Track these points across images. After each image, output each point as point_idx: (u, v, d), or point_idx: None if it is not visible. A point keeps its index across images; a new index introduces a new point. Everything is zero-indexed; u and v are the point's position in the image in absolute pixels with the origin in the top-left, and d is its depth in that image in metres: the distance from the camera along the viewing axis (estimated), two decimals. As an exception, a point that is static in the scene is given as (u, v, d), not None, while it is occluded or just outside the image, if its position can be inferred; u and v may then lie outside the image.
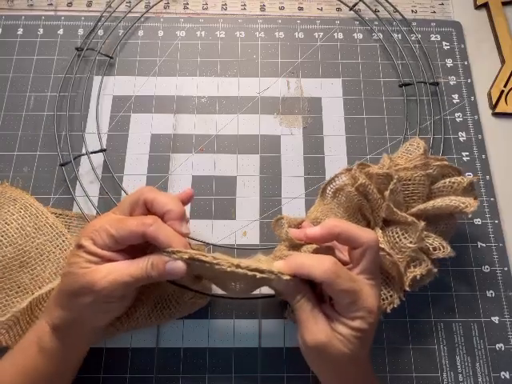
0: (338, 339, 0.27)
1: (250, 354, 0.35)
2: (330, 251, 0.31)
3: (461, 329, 0.36)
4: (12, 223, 0.34)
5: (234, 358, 0.35)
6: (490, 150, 0.43)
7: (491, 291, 0.37)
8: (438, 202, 0.32)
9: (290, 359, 0.35)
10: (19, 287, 0.33)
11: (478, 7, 0.49)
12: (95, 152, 0.40)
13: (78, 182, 0.39)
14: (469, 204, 0.32)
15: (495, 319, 0.36)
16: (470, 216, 0.32)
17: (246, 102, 0.44)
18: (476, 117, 0.44)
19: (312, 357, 0.29)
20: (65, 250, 0.35)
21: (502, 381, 0.35)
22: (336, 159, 0.42)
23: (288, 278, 0.27)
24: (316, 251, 0.30)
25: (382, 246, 0.31)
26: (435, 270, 0.32)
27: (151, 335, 0.35)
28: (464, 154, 0.42)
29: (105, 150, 0.41)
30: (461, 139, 0.43)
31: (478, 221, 0.40)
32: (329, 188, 0.35)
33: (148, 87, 0.44)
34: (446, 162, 0.35)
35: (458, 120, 0.44)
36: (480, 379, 0.35)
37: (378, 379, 0.30)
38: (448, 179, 0.34)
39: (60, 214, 0.37)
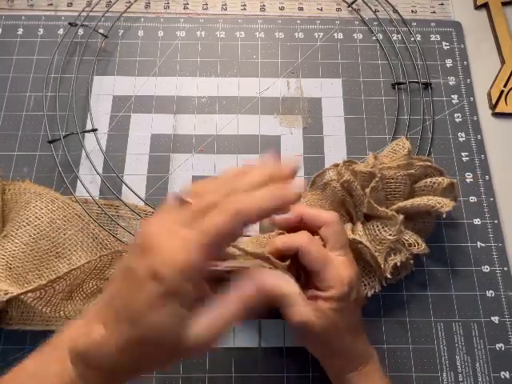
0: (316, 316, 0.28)
1: (250, 354, 0.35)
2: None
3: (461, 329, 0.36)
4: (42, 217, 0.35)
5: (234, 358, 0.35)
6: (489, 150, 0.43)
7: (491, 291, 0.37)
8: (417, 200, 0.34)
9: (289, 359, 0.35)
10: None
11: (477, 7, 0.49)
12: (87, 131, 0.41)
13: (78, 182, 0.40)
14: (444, 204, 0.33)
15: (495, 319, 0.36)
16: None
17: (246, 102, 0.44)
18: (475, 117, 0.44)
19: (299, 335, 0.31)
20: (95, 237, 0.36)
21: (502, 381, 0.35)
22: (336, 159, 0.41)
23: (283, 264, 0.28)
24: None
25: (362, 239, 0.33)
26: (411, 261, 0.34)
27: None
28: (463, 154, 0.42)
29: (96, 130, 0.42)
30: (460, 139, 0.43)
31: (477, 221, 0.40)
32: (318, 180, 0.38)
33: (148, 87, 0.44)
34: (429, 163, 0.36)
35: (457, 120, 0.44)
36: (480, 379, 0.35)
37: (374, 350, 0.31)
38: (429, 179, 0.36)
39: (84, 202, 0.38)
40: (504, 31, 0.47)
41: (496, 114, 0.44)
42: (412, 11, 0.49)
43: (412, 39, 0.47)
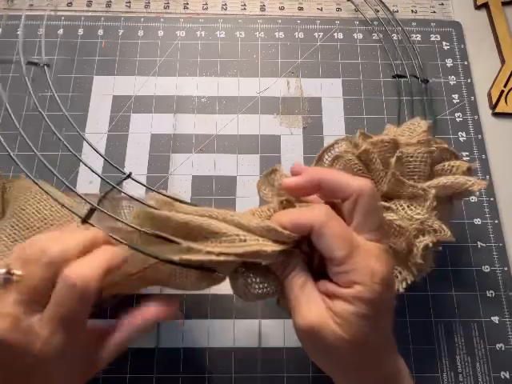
0: (334, 321, 0.21)
1: (250, 353, 0.35)
2: None
3: (461, 329, 0.36)
4: (27, 208, 0.33)
5: (234, 358, 0.35)
6: (489, 150, 0.43)
7: (491, 291, 0.37)
8: (443, 179, 0.30)
9: (289, 359, 0.35)
10: None
11: (478, 7, 0.49)
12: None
13: (78, 182, 0.40)
14: (475, 182, 0.29)
15: (495, 319, 0.36)
16: (465, 215, 0.30)
17: (246, 101, 0.44)
18: (476, 117, 0.44)
19: (306, 344, 0.24)
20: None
21: (502, 381, 0.35)
22: (336, 159, 0.42)
23: (275, 248, 0.22)
24: None
25: (389, 214, 0.27)
26: (440, 248, 0.30)
27: (151, 335, 0.35)
28: (464, 154, 0.42)
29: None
30: (461, 139, 0.43)
31: (477, 221, 0.40)
32: (326, 156, 0.31)
33: (148, 87, 0.44)
34: (445, 146, 0.33)
35: (457, 120, 0.44)
36: (480, 379, 0.35)
37: (404, 365, 0.25)
38: (447, 162, 0.32)
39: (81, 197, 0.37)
40: (504, 31, 0.47)
41: (496, 114, 0.44)
42: (412, 11, 0.49)
43: (413, 38, 0.47)
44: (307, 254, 0.24)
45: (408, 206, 0.29)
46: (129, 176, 0.32)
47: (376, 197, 0.23)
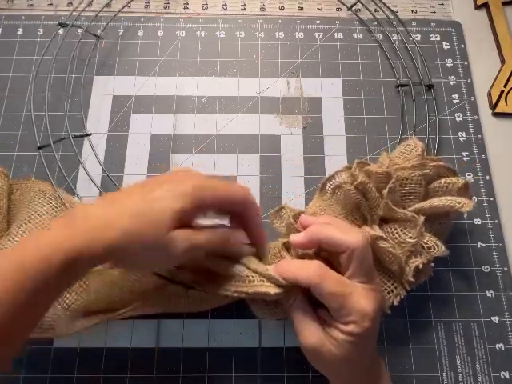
0: (330, 342, 0.27)
1: (250, 354, 0.35)
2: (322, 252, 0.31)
3: (461, 329, 0.36)
4: (44, 214, 0.34)
5: (234, 358, 0.35)
6: (489, 150, 0.43)
7: (491, 291, 0.37)
8: (435, 201, 0.33)
9: (289, 359, 0.35)
10: None
11: (478, 7, 0.49)
12: (80, 136, 0.41)
13: (78, 182, 0.40)
14: (464, 204, 0.32)
15: (495, 319, 0.36)
16: (465, 216, 0.32)
17: (246, 101, 0.44)
18: (476, 117, 0.44)
19: (308, 356, 0.29)
20: None
21: (502, 381, 0.35)
22: (336, 159, 0.42)
23: (278, 291, 0.28)
24: (308, 255, 0.30)
25: (382, 234, 0.31)
26: (432, 264, 0.33)
27: (151, 335, 0.35)
28: (464, 153, 0.42)
29: (89, 135, 0.41)
30: (461, 139, 0.43)
31: (477, 221, 0.40)
32: (328, 184, 0.35)
33: (148, 87, 0.44)
34: (441, 163, 0.35)
35: (457, 120, 0.44)
36: (480, 379, 0.35)
37: (386, 380, 0.30)
38: (443, 179, 0.35)
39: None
40: (504, 31, 0.47)
41: (496, 114, 0.44)
42: (412, 11, 0.49)
43: (413, 39, 0.47)
44: (306, 288, 0.28)
45: (401, 230, 0.32)
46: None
47: (368, 249, 0.28)
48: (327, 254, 0.30)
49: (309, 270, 0.27)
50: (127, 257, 0.25)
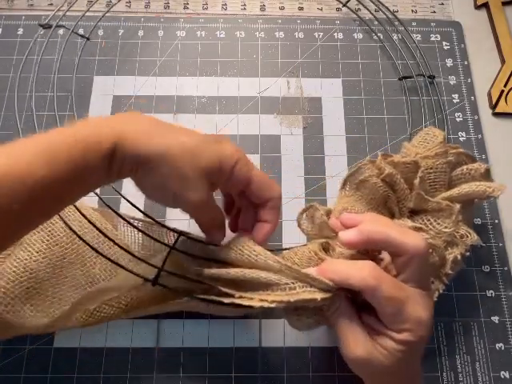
0: (379, 352, 0.24)
1: (250, 353, 0.35)
2: (369, 254, 0.28)
3: (461, 329, 0.36)
4: (57, 222, 0.33)
5: (234, 358, 0.35)
6: (490, 150, 0.43)
7: (491, 291, 0.37)
8: (464, 188, 0.31)
9: (290, 359, 0.35)
10: (72, 283, 0.33)
11: (478, 7, 0.49)
12: None
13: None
14: (495, 188, 0.31)
15: (495, 319, 0.36)
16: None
17: (246, 101, 0.44)
18: (476, 117, 0.44)
19: (353, 367, 0.27)
20: (112, 245, 0.34)
21: (502, 381, 0.35)
22: (336, 159, 0.42)
23: (325, 296, 0.25)
24: (354, 256, 0.27)
25: (422, 226, 0.29)
26: (468, 253, 0.31)
27: (151, 335, 0.35)
28: (464, 153, 0.42)
29: None
30: (461, 139, 0.43)
31: (477, 221, 0.40)
32: (352, 179, 0.33)
33: (148, 87, 0.44)
34: (461, 150, 0.34)
35: (457, 120, 0.44)
36: (480, 379, 0.35)
37: None
38: (465, 166, 0.33)
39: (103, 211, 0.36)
40: (504, 31, 0.47)
41: (496, 114, 0.44)
42: (412, 11, 0.49)
43: (413, 38, 0.47)
44: (351, 293, 0.26)
45: (435, 221, 0.30)
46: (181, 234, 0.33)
47: (428, 255, 0.25)
48: (366, 252, 0.28)
49: (363, 271, 0.24)
50: (162, 165, 0.25)
